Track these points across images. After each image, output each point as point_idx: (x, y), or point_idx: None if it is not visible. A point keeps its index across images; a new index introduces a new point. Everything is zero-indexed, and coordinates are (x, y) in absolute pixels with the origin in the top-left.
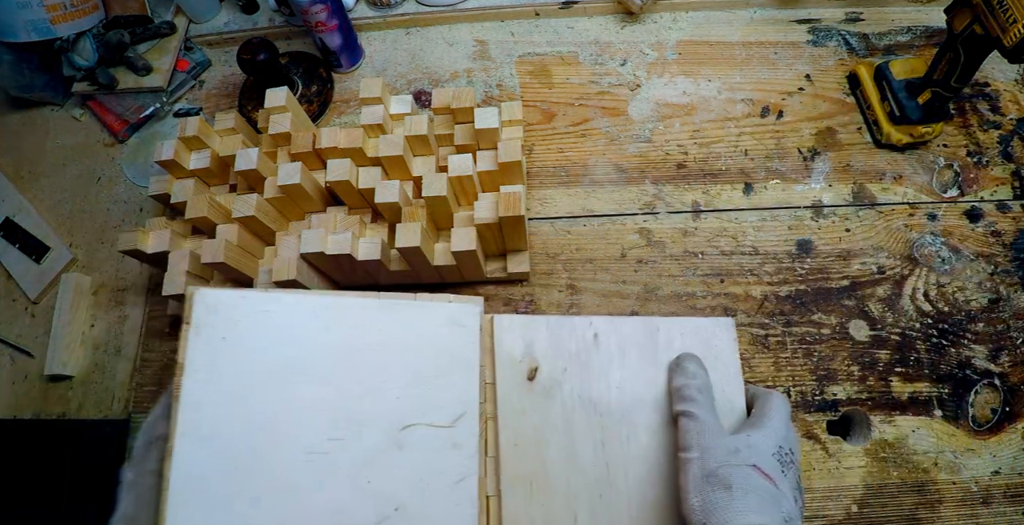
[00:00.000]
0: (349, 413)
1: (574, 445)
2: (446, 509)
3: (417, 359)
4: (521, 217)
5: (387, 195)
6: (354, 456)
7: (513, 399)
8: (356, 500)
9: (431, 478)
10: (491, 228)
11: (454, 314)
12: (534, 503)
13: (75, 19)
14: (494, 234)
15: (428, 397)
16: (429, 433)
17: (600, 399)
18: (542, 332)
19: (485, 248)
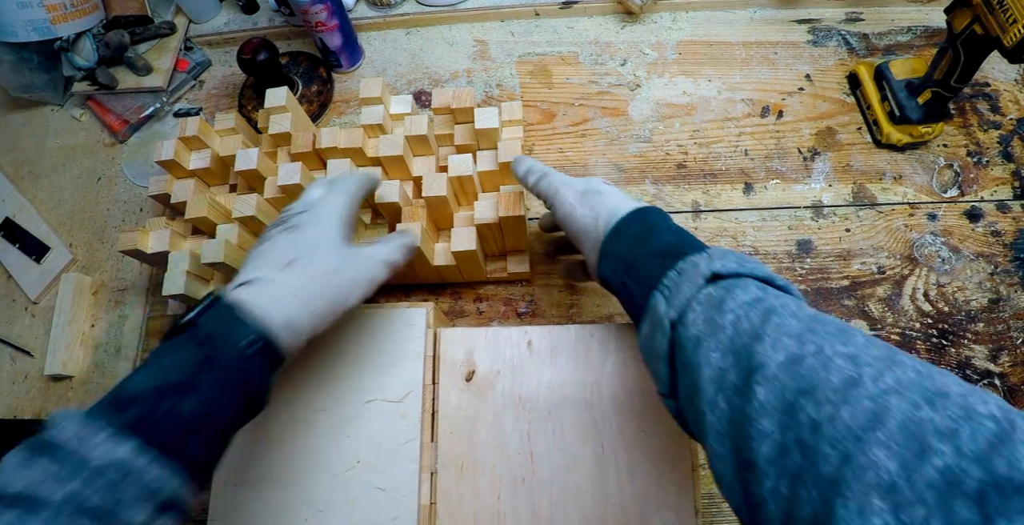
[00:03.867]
0: (327, 391)
1: (502, 435)
2: (394, 463)
3: (378, 351)
4: (521, 217)
5: (387, 195)
6: (330, 423)
7: (452, 396)
8: (331, 454)
9: (384, 439)
10: (491, 228)
11: (406, 317)
12: (464, 481)
13: (75, 19)
14: (494, 234)
15: (385, 380)
16: (384, 406)
17: (529, 397)
18: (481, 341)
19: (485, 248)
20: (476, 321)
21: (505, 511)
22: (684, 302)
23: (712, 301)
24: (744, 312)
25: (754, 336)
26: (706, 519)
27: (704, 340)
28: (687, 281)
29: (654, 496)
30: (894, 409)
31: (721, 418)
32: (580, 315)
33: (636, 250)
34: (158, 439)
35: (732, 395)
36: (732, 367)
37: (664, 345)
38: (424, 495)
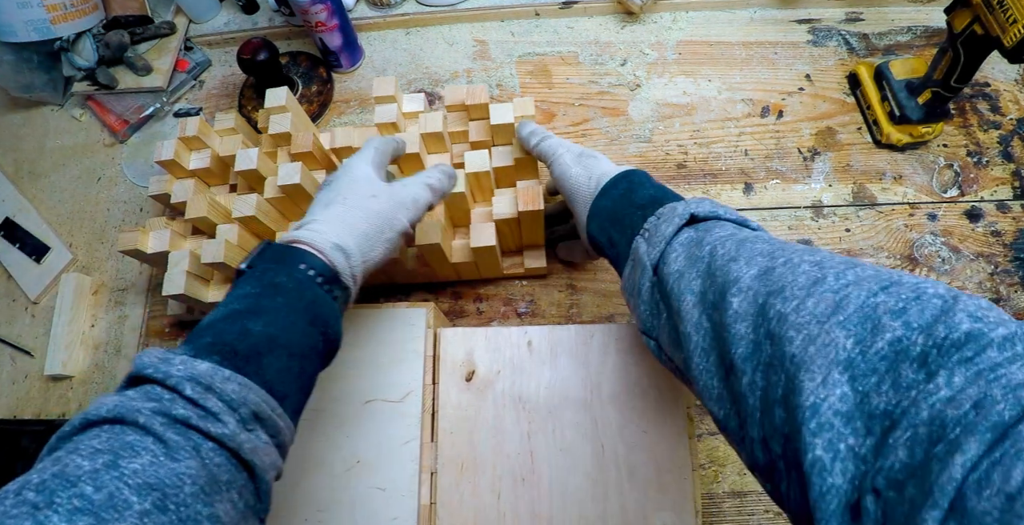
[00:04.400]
0: (327, 392)
1: (502, 435)
2: (394, 463)
3: (378, 351)
4: (540, 211)
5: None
6: (331, 422)
7: (452, 396)
8: (331, 454)
9: (384, 440)
10: (509, 223)
11: (406, 317)
12: (464, 481)
13: (75, 19)
14: (512, 230)
15: (385, 379)
16: (384, 406)
17: (529, 397)
18: (481, 341)
19: (503, 244)
20: (476, 321)
21: (505, 511)
22: (663, 242)
23: (691, 240)
24: (720, 242)
25: (730, 258)
26: (706, 519)
27: (685, 272)
28: (665, 222)
29: (654, 496)
30: (852, 297)
31: (705, 336)
32: (580, 315)
33: (620, 205)
34: (232, 357)
35: (712, 312)
36: (710, 288)
37: (645, 284)
38: (424, 495)
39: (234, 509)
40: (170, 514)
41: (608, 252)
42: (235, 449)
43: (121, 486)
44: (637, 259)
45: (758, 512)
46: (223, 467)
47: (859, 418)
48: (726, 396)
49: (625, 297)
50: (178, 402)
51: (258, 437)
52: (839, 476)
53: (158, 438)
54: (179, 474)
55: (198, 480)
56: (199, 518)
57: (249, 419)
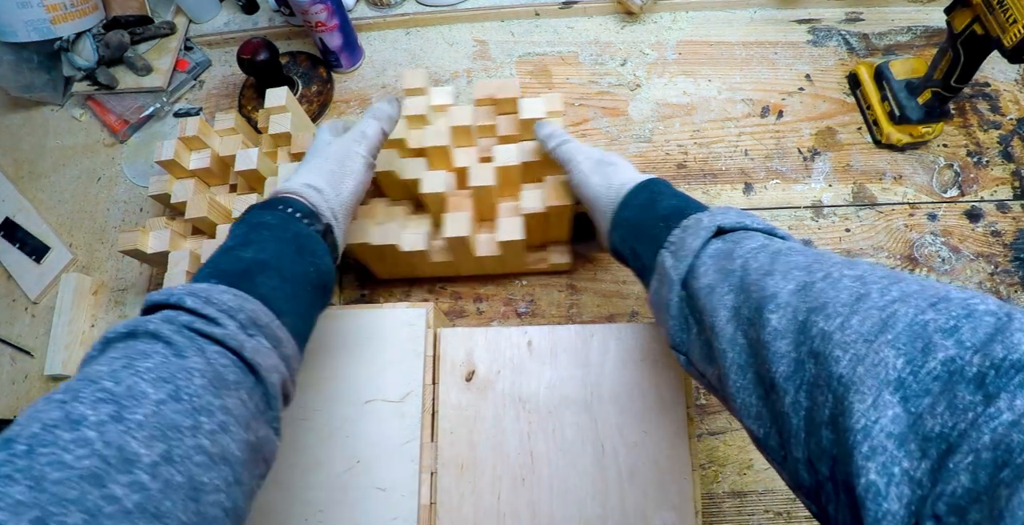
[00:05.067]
0: (327, 391)
1: (502, 436)
2: (394, 463)
3: (378, 351)
4: (568, 206)
5: (434, 185)
6: (331, 422)
7: (452, 396)
8: (331, 454)
9: (383, 440)
10: (536, 218)
11: (406, 317)
12: (464, 481)
13: (75, 19)
14: (539, 224)
15: (384, 380)
16: (384, 406)
17: (530, 397)
18: (481, 341)
19: (528, 239)
20: (476, 321)
21: (505, 511)
22: (691, 255)
23: (721, 253)
24: (752, 255)
25: (764, 273)
26: (706, 519)
27: (717, 287)
28: (691, 235)
29: (654, 496)
30: (900, 314)
31: (741, 352)
32: (580, 315)
33: (643, 216)
34: (227, 277)
35: (747, 328)
36: (744, 303)
37: (673, 298)
38: (424, 495)
39: (244, 407)
40: (183, 403)
41: (632, 264)
42: (237, 349)
43: (138, 380)
44: (663, 273)
45: (758, 512)
46: (228, 368)
47: (913, 441)
48: (766, 414)
49: (652, 311)
50: (181, 314)
51: (259, 342)
52: (895, 501)
53: (166, 342)
54: (188, 369)
55: (206, 374)
56: (212, 408)
57: (248, 324)
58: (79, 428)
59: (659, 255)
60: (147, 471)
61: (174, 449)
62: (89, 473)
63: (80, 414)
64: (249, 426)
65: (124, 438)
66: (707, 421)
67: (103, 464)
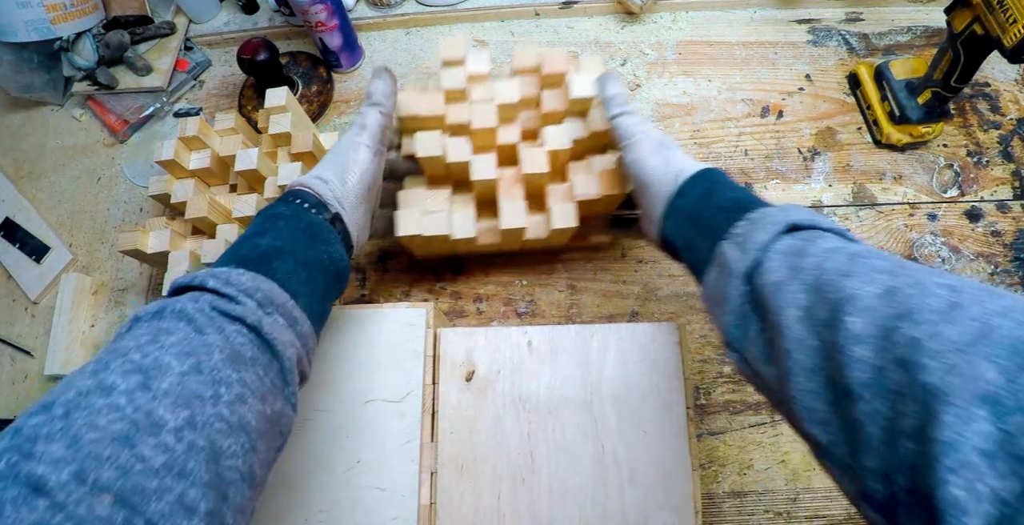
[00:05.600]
0: (327, 392)
1: (502, 435)
2: (394, 463)
3: (378, 351)
4: (622, 195)
5: (484, 172)
6: (331, 423)
7: (452, 396)
8: (331, 454)
9: (384, 440)
10: (587, 203)
11: (406, 317)
12: (463, 481)
13: (75, 19)
14: (588, 208)
15: (385, 380)
16: (384, 406)
17: (529, 397)
18: (481, 341)
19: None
20: (476, 321)
21: (505, 511)
22: (759, 249)
23: (792, 250)
24: (828, 255)
25: (842, 274)
26: (706, 519)
27: (786, 284)
28: (760, 229)
29: (654, 496)
30: (999, 327)
31: (810, 354)
32: (580, 315)
33: (702, 206)
34: (245, 263)
35: (822, 330)
36: (818, 304)
37: (735, 292)
38: (424, 495)
39: (260, 381)
40: (204, 375)
41: (685, 255)
42: (255, 325)
43: (163, 354)
44: (725, 265)
45: (758, 512)
46: (246, 346)
47: (1003, 459)
48: (834, 421)
49: (707, 305)
50: (205, 294)
51: (275, 320)
52: (977, 518)
53: (189, 320)
54: (208, 344)
55: (224, 350)
56: (230, 381)
57: (266, 303)
58: (111, 395)
59: (719, 246)
60: (173, 434)
61: (196, 416)
62: (121, 434)
63: (111, 382)
64: (265, 399)
65: (152, 404)
66: (707, 421)
67: (132, 427)
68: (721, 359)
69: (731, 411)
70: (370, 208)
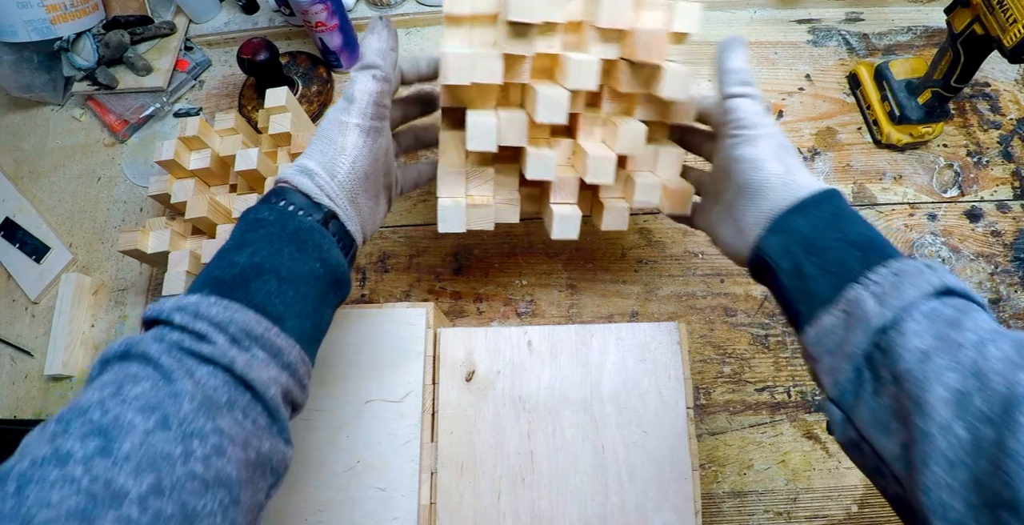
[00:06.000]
0: (327, 391)
1: (502, 435)
2: (394, 463)
3: (378, 351)
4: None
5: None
6: (331, 423)
7: (452, 396)
8: (331, 454)
9: (384, 440)
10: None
11: (406, 317)
12: (463, 481)
13: (75, 19)
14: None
15: (385, 380)
16: (384, 406)
17: (529, 397)
18: (481, 341)
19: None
20: (476, 321)
21: (505, 511)
22: (902, 307)
23: (942, 317)
24: (991, 337)
25: (1015, 365)
26: (706, 519)
27: (934, 356)
28: (910, 285)
29: (654, 496)
30: None
31: (956, 445)
32: (580, 315)
33: (825, 233)
34: (220, 287)
35: (978, 424)
36: (978, 391)
37: (862, 346)
38: (424, 495)
39: (239, 426)
40: (172, 430)
41: (787, 281)
42: (228, 366)
43: (125, 409)
44: (859, 316)
45: (758, 512)
46: (219, 390)
47: None
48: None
49: (812, 349)
50: (172, 330)
51: (253, 355)
52: None
53: (156, 365)
54: (176, 393)
55: (195, 397)
56: (204, 432)
57: (241, 337)
58: (67, 464)
59: (850, 289)
60: (136, 504)
61: (164, 479)
62: (76, 511)
63: (68, 449)
64: (248, 444)
65: (111, 472)
66: (707, 421)
67: (89, 501)
68: (721, 359)
69: (731, 411)
70: (375, 194)
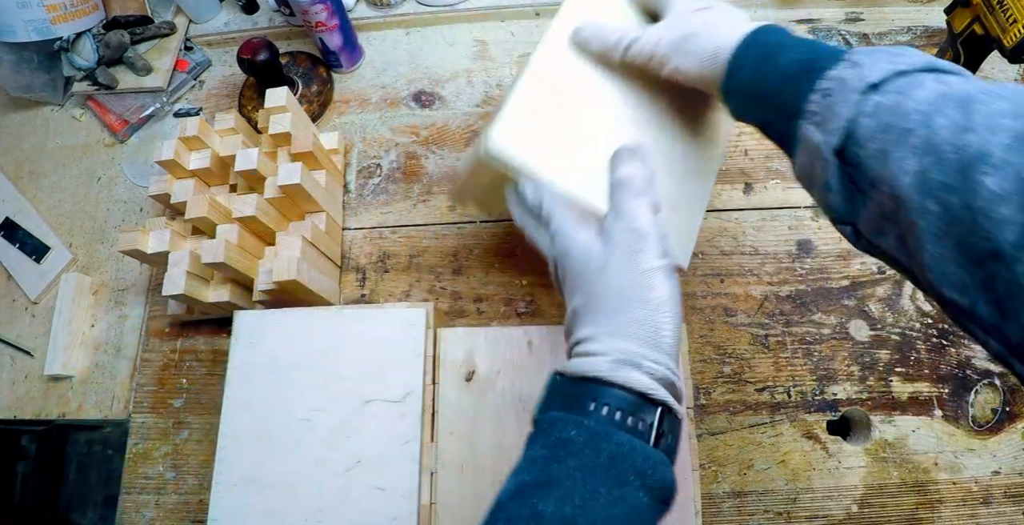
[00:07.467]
0: (328, 391)
1: (502, 436)
2: (394, 463)
3: (378, 351)
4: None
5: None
6: (330, 423)
7: (451, 396)
8: (331, 454)
9: (384, 440)
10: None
11: (406, 317)
12: (464, 481)
13: (75, 19)
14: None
15: (384, 380)
16: (384, 407)
17: (530, 397)
18: (481, 341)
19: None
20: (476, 321)
21: None
22: (846, 122)
23: (886, 110)
24: (933, 108)
25: (960, 129)
26: (706, 519)
27: (891, 151)
28: (839, 101)
29: None
30: None
31: (935, 221)
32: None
33: (762, 78)
34: None
35: (944, 195)
36: (934, 166)
37: (832, 173)
38: (424, 495)
39: None
40: None
41: (765, 131)
42: None
43: None
44: (812, 149)
45: (758, 512)
46: None
47: None
48: (974, 284)
49: (801, 184)
50: None
51: None
52: None
53: None
54: None
55: None
56: None
57: None
58: None
59: (799, 127)
60: None
61: None
62: None
63: None
64: None
65: None
66: (707, 421)
67: None
68: (721, 359)
69: (731, 411)
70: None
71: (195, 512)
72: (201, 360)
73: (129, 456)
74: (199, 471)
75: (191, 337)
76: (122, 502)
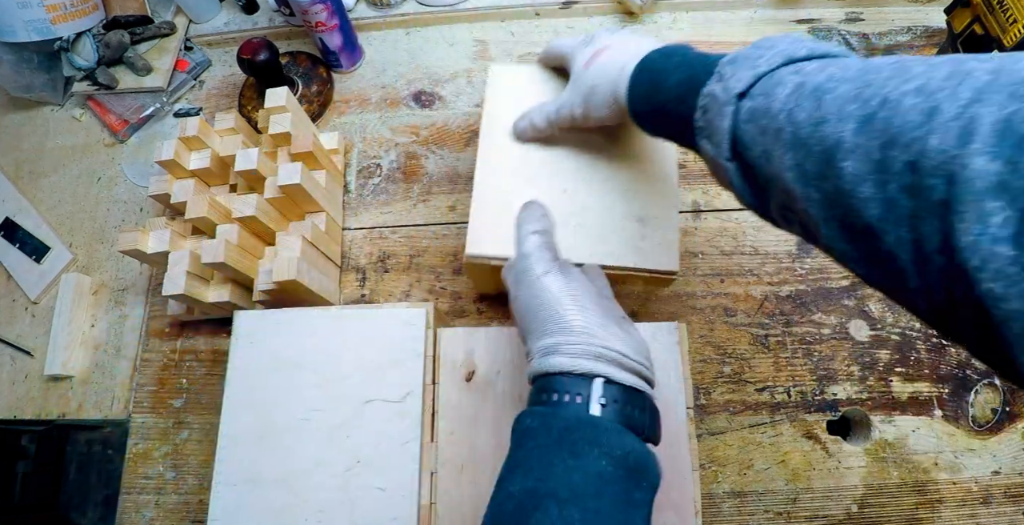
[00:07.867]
0: (327, 391)
1: (502, 436)
2: (394, 463)
3: (378, 351)
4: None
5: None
6: (330, 423)
7: (452, 396)
8: (331, 454)
9: (384, 440)
10: None
11: (406, 317)
12: (464, 481)
13: (75, 19)
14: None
15: (384, 380)
16: (384, 407)
17: None
18: (481, 341)
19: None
20: (476, 321)
21: None
22: (728, 133)
23: (757, 114)
24: (793, 104)
25: (816, 122)
26: (706, 519)
27: (772, 150)
28: (716, 115)
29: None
30: (981, 117)
31: (818, 206)
32: None
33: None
34: None
35: (819, 182)
36: (805, 159)
37: (734, 177)
38: (424, 495)
39: None
40: None
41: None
42: None
43: None
44: (709, 159)
45: (758, 512)
46: None
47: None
48: (864, 258)
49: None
50: None
51: None
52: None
53: None
54: None
55: None
56: None
57: None
58: None
59: (698, 143)
60: None
61: None
62: None
63: None
64: None
65: None
66: (707, 421)
67: None
68: (721, 359)
69: (731, 411)
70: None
71: (195, 512)
72: (201, 360)
73: (129, 456)
74: (199, 471)
75: (191, 337)
76: (122, 502)
